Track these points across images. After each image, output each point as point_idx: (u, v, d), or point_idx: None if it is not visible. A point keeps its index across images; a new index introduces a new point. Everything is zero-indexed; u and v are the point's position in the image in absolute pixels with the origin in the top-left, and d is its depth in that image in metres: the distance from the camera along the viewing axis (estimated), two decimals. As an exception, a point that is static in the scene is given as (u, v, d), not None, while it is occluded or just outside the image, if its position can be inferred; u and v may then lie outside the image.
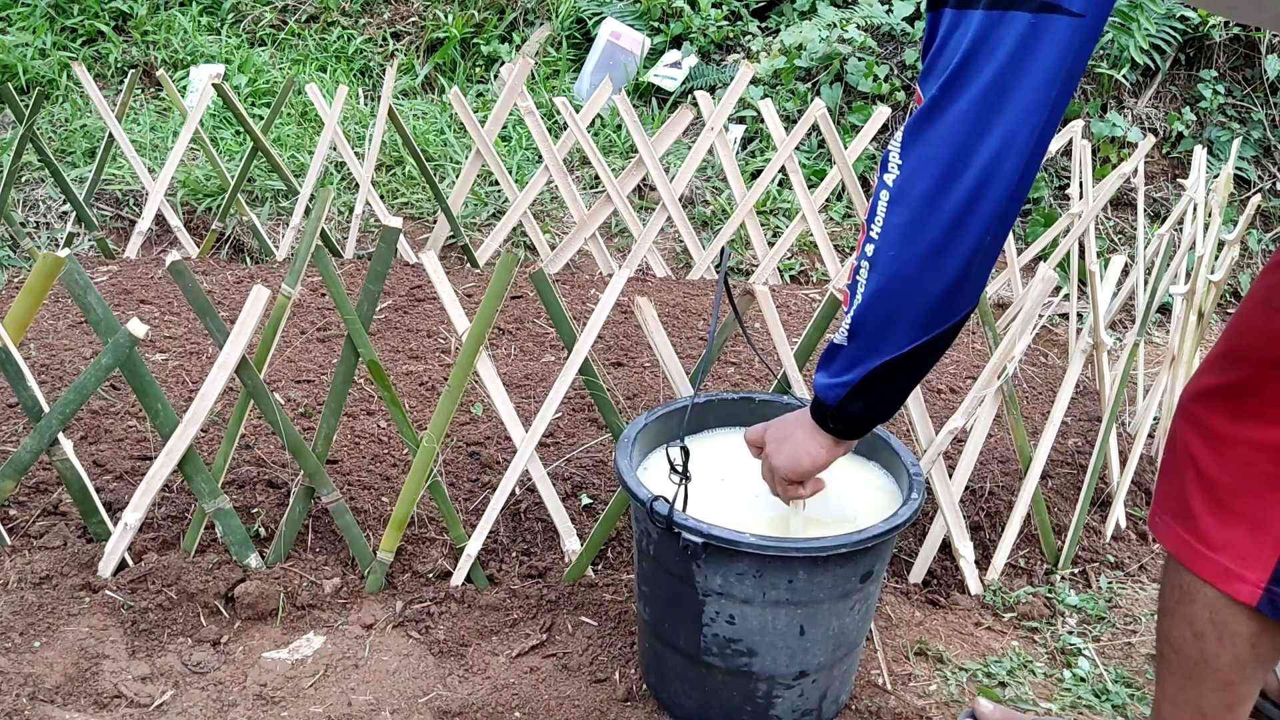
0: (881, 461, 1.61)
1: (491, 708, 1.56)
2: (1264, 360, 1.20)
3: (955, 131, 1.04)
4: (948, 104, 1.03)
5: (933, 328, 1.13)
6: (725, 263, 1.49)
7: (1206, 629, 1.28)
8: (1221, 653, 1.27)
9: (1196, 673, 1.31)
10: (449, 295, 1.69)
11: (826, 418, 1.25)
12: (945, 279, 1.09)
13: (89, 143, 3.44)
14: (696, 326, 2.74)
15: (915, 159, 1.07)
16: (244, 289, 2.84)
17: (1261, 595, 1.21)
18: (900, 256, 1.09)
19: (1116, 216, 3.64)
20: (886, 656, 1.73)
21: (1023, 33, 0.99)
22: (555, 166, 2.98)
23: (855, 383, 1.18)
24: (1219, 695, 1.31)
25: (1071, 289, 2.81)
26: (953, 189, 1.05)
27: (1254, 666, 1.28)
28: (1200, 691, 1.31)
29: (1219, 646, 1.27)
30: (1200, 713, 1.33)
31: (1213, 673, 1.29)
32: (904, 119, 3.84)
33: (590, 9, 4.31)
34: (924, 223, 1.07)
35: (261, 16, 4.24)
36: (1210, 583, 1.25)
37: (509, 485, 1.77)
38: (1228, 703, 1.31)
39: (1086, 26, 0.99)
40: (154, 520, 1.83)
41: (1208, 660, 1.29)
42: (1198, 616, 1.28)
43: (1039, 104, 1.01)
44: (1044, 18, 0.98)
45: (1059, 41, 0.99)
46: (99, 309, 1.59)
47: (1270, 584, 1.21)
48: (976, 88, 1.01)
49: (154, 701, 1.54)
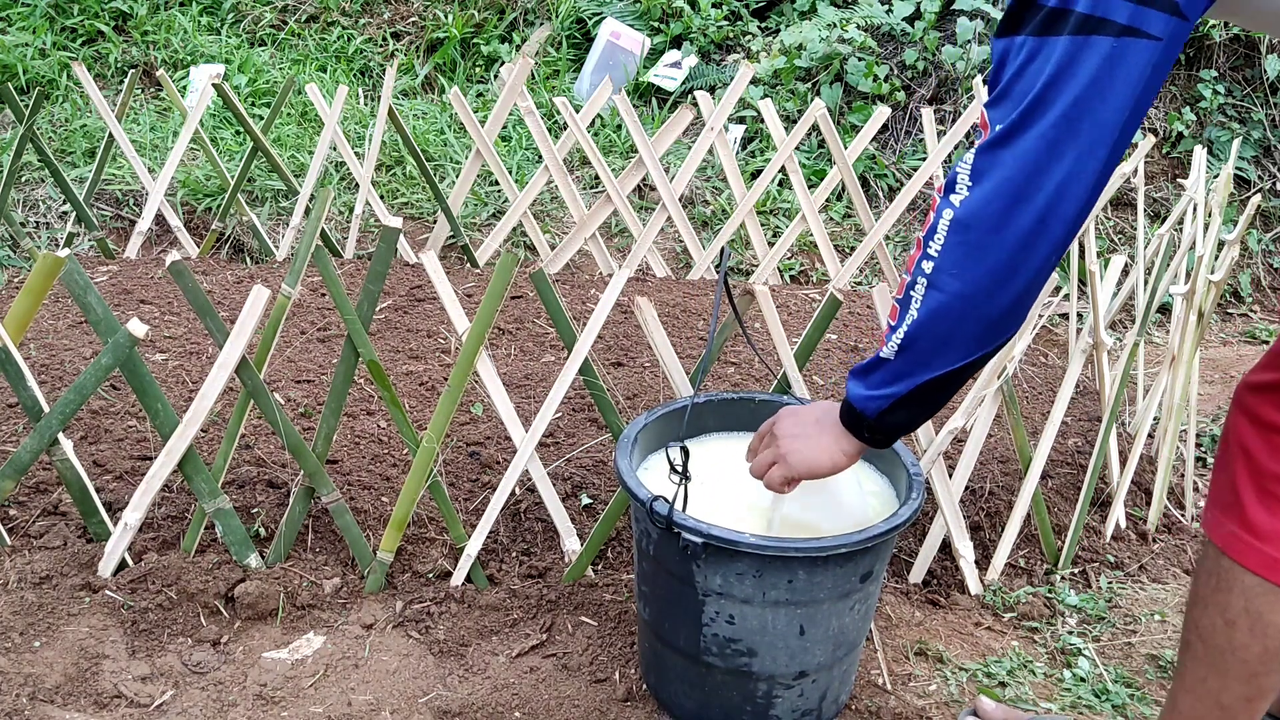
0: (879, 464, 1.61)
1: (491, 708, 1.56)
2: None
3: (1030, 156, 1.05)
4: (1025, 129, 1.05)
5: (985, 346, 1.15)
6: (725, 263, 1.49)
7: (1239, 617, 1.28)
8: (1252, 643, 1.28)
9: (1222, 663, 1.32)
10: (449, 295, 1.69)
11: (862, 427, 1.27)
12: (1006, 301, 1.12)
13: (89, 143, 3.44)
14: (696, 326, 2.74)
15: (988, 183, 1.08)
16: (244, 289, 2.84)
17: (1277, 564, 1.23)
18: (964, 277, 1.11)
19: (1116, 216, 3.64)
20: (886, 656, 1.73)
21: (1105, 56, 1.00)
22: (555, 166, 2.98)
23: (900, 396, 1.21)
24: (1242, 687, 1.31)
25: (1071, 289, 2.81)
26: (1023, 213, 1.07)
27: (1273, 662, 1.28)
28: (1224, 683, 1.32)
29: (1250, 636, 1.28)
30: (1220, 705, 1.34)
31: (1239, 663, 1.30)
32: (904, 119, 3.85)
33: (590, 9, 4.31)
34: (991, 246, 1.09)
35: (261, 16, 4.24)
36: (1256, 572, 1.26)
37: (509, 485, 1.77)
38: (1248, 695, 1.32)
39: (1163, 50, 1.01)
40: (154, 520, 1.83)
41: (1236, 650, 1.29)
42: (1232, 605, 1.29)
43: (1113, 127, 1.03)
44: (1125, 41, 1.00)
45: (1137, 65, 1.01)
46: (99, 309, 1.59)
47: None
48: (1055, 113, 1.03)
49: (154, 701, 1.54)
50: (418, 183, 3.43)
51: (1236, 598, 1.29)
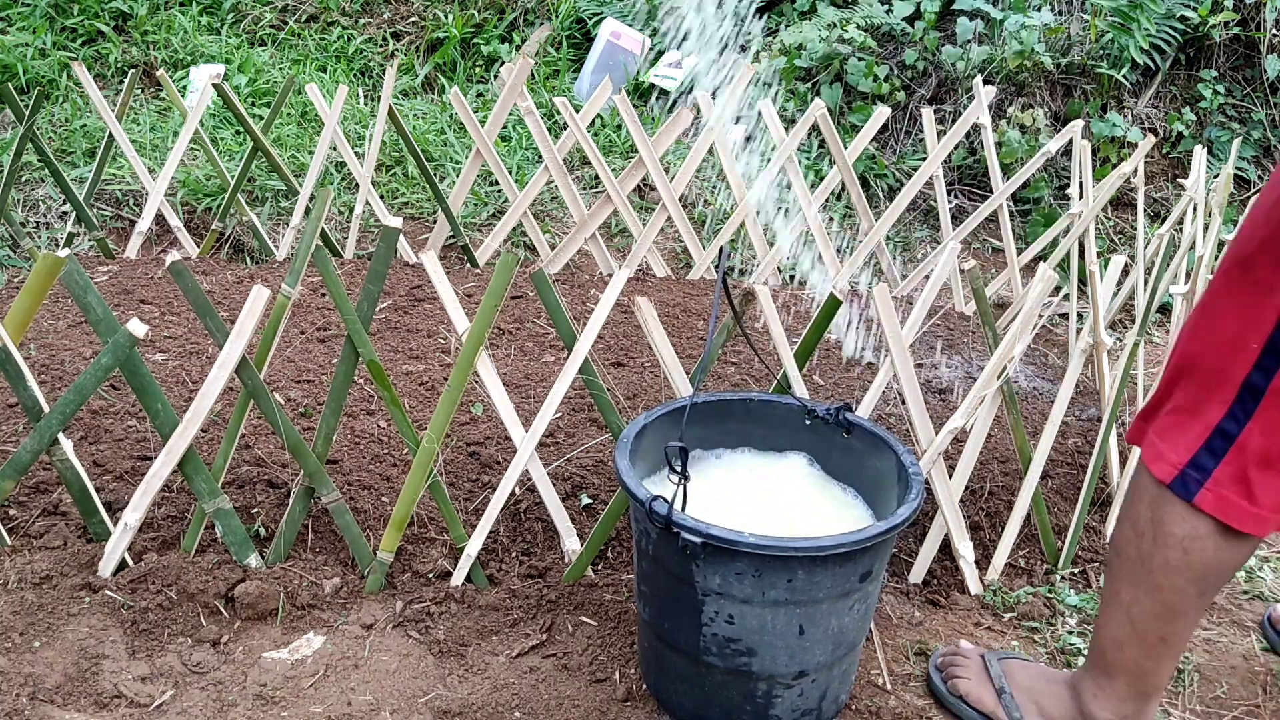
0: (861, 489, 1.62)
1: (491, 708, 1.56)
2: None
3: None
4: None
5: None
6: (724, 263, 1.49)
7: (1146, 528, 1.34)
8: (1155, 553, 1.33)
9: (1133, 575, 1.36)
10: (449, 295, 1.69)
11: None
12: None
13: (89, 143, 3.44)
14: (696, 326, 2.74)
15: None
16: (244, 289, 2.84)
17: (1176, 475, 1.29)
18: None
19: (1116, 216, 3.64)
20: (886, 656, 1.73)
21: None
22: (555, 166, 2.98)
23: None
24: (1149, 601, 1.35)
25: (1071, 289, 2.81)
26: None
27: (1185, 578, 1.32)
28: (1134, 595, 1.36)
29: (1154, 546, 1.33)
30: (1130, 619, 1.38)
31: (1146, 574, 1.34)
32: (904, 119, 3.85)
33: (590, 9, 4.31)
34: None
35: (261, 16, 4.24)
36: (1143, 463, 1.34)
37: (509, 485, 1.77)
38: (1158, 612, 1.35)
39: None
40: (154, 520, 1.83)
41: (1144, 559, 1.34)
42: (1140, 515, 1.35)
43: None
44: None
45: None
46: (99, 309, 1.59)
47: (1188, 466, 1.28)
48: None
49: (154, 701, 1.54)
50: (418, 183, 3.43)
51: (1144, 508, 1.34)
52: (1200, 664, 1.77)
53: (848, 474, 1.66)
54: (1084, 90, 3.82)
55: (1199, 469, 1.28)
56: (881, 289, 1.65)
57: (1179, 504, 1.30)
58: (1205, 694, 1.71)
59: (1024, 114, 3.52)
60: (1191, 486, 1.28)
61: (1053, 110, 3.80)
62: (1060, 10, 3.90)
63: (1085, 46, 3.79)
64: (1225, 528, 1.28)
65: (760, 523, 1.47)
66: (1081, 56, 3.79)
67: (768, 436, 1.70)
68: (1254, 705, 1.70)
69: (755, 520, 1.50)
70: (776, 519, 1.58)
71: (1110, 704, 1.45)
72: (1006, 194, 2.96)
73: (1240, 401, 1.25)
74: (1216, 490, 1.27)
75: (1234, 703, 1.70)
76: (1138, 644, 1.39)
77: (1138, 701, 1.44)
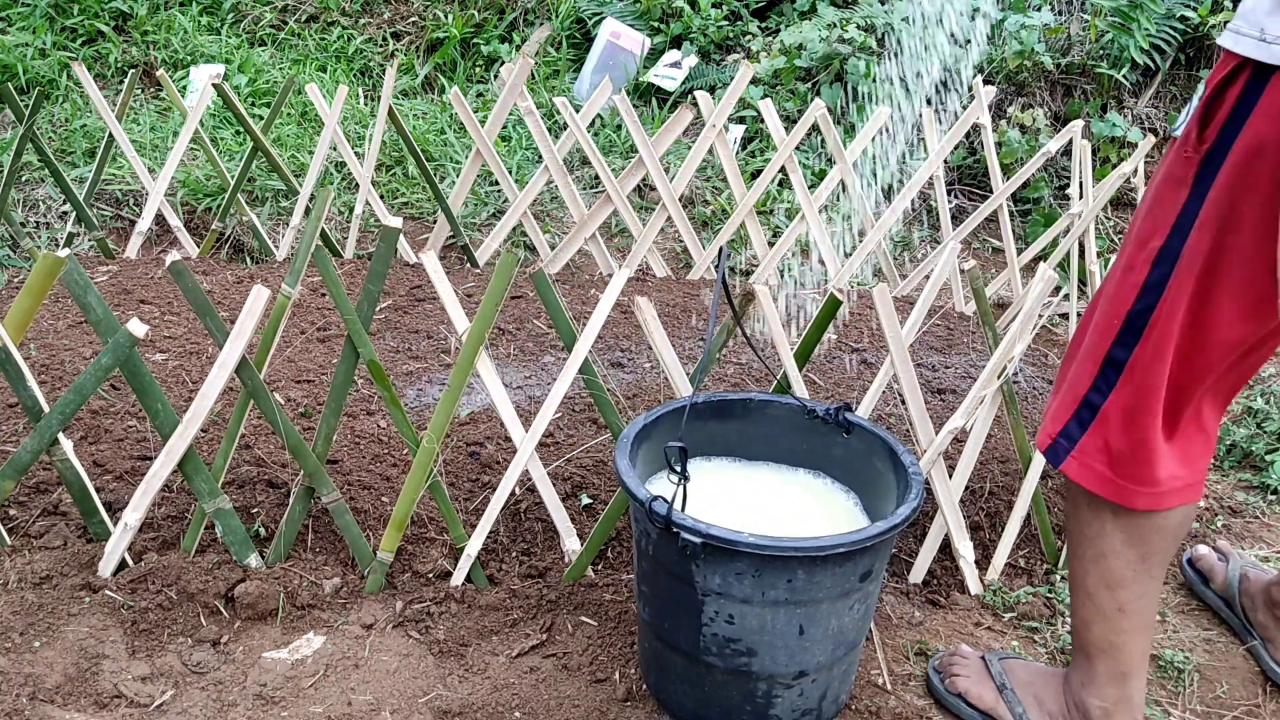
0: (861, 489, 1.63)
1: (491, 708, 1.56)
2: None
3: None
4: None
5: None
6: (724, 263, 1.49)
7: (1072, 508, 1.45)
8: (1084, 526, 1.42)
9: (1078, 549, 1.45)
10: (449, 295, 1.69)
11: None
12: None
13: (89, 143, 3.44)
14: (696, 326, 2.74)
15: None
16: (244, 289, 2.84)
17: (1050, 444, 1.40)
18: None
19: (1116, 216, 3.64)
20: (886, 656, 1.73)
21: None
22: (555, 166, 2.98)
23: None
24: (1095, 570, 1.42)
25: (1071, 289, 2.81)
26: None
27: (1118, 541, 1.39)
28: (1084, 568, 1.44)
29: (1080, 519, 1.43)
30: (1087, 594, 1.45)
31: (1086, 543, 1.43)
32: (904, 119, 3.84)
33: (590, 9, 4.31)
34: None
35: (261, 16, 4.24)
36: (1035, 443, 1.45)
37: (509, 485, 1.77)
38: (1105, 580, 1.42)
39: None
40: (154, 520, 1.83)
41: (1080, 531, 1.43)
42: (1071, 494, 1.45)
43: None
44: None
45: None
46: (99, 309, 1.59)
47: (1059, 435, 1.39)
48: None
49: (154, 701, 1.54)
50: (418, 183, 3.43)
51: (1072, 488, 1.43)
52: (1200, 664, 1.77)
53: (847, 474, 1.66)
54: (1084, 90, 3.82)
55: (1068, 438, 1.37)
56: (881, 289, 1.65)
57: (1073, 484, 1.40)
58: (1205, 694, 1.71)
59: (1024, 114, 3.52)
60: (1061, 454, 1.38)
61: (1053, 110, 3.81)
62: (1060, 10, 3.91)
63: (1085, 46, 3.80)
64: (1117, 505, 1.36)
65: (760, 523, 1.47)
66: (1081, 56, 3.79)
67: (768, 437, 1.70)
68: (1254, 705, 1.70)
69: (755, 520, 1.50)
70: (777, 519, 1.58)
71: (1094, 689, 1.48)
72: (1006, 194, 2.96)
73: (1104, 374, 1.33)
74: (1081, 458, 1.36)
75: (1234, 703, 1.70)
76: (1099, 619, 1.44)
77: (1118, 684, 1.47)
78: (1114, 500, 1.35)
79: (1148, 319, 1.28)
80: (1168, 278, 1.25)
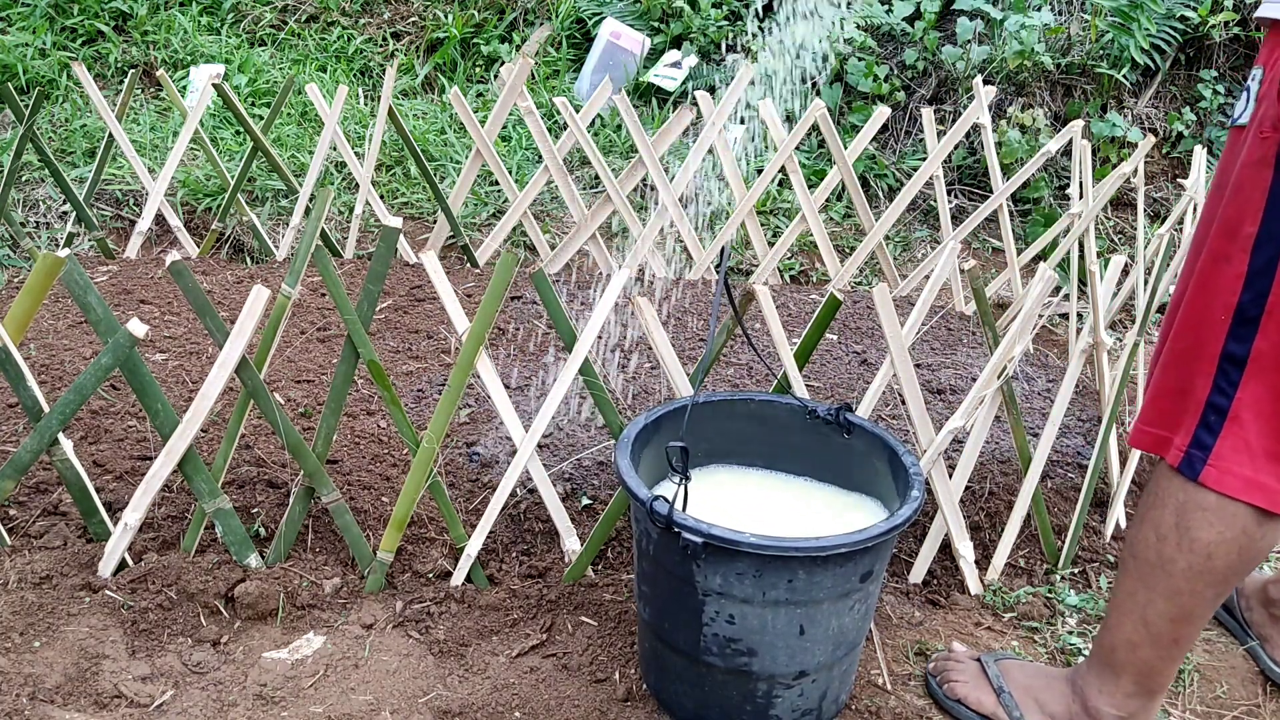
0: (861, 489, 1.63)
1: (491, 708, 1.56)
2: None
3: None
4: None
5: None
6: (725, 263, 1.49)
7: (1170, 533, 1.34)
8: (1179, 557, 1.33)
9: (1150, 578, 1.37)
10: (449, 295, 1.69)
11: None
12: None
13: (89, 143, 3.44)
14: (696, 326, 2.74)
15: None
16: (244, 289, 2.84)
17: (1183, 457, 1.30)
18: None
19: (1116, 216, 3.64)
20: (886, 656, 1.73)
21: None
22: (555, 166, 2.98)
23: None
24: (1166, 604, 1.36)
25: (1071, 289, 2.81)
26: None
27: (1205, 582, 1.32)
28: (1150, 597, 1.37)
29: (1177, 551, 1.33)
30: (1144, 621, 1.39)
31: (1166, 578, 1.35)
32: (904, 119, 3.85)
33: (590, 9, 4.31)
34: None
35: (261, 16, 4.24)
36: (1163, 463, 1.34)
37: (509, 485, 1.77)
38: (1173, 615, 1.36)
39: None
40: (154, 520, 1.83)
41: (1164, 564, 1.34)
42: (1164, 520, 1.34)
43: None
44: None
45: None
46: (99, 309, 1.59)
47: (1191, 446, 1.29)
48: None
49: (154, 701, 1.54)
50: (418, 183, 3.43)
51: (1169, 514, 1.34)
52: (1200, 664, 1.77)
53: (847, 475, 1.66)
54: (1084, 90, 3.82)
55: (1200, 447, 1.28)
56: (881, 289, 1.65)
57: (1208, 510, 1.29)
58: (1205, 694, 1.71)
59: (1024, 114, 3.52)
60: (1197, 465, 1.29)
61: (1053, 110, 3.80)
62: (1060, 10, 3.90)
63: (1085, 46, 3.79)
64: (1261, 513, 1.27)
65: (760, 523, 1.47)
66: (1081, 56, 3.79)
67: (768, 437, 1.70)
68: (1254, 705, 1.70)
69: (754, 520, 1.50)
70: (777, 519, 1.58)
71: (1116, 700, 1.46)
72: (1006, 194, 2.96)
73: (1223, 372, 1.26)
74: (1219, 465, 1.27)
75: (1234, 703, 1.70)
76: (1151, 645, 1.39)
77: (1144, 698, 1.45)
78: (1267, 507, 1.27)
79: (1262, 306, 1.21)
80: (1276, 261, 1.19)
